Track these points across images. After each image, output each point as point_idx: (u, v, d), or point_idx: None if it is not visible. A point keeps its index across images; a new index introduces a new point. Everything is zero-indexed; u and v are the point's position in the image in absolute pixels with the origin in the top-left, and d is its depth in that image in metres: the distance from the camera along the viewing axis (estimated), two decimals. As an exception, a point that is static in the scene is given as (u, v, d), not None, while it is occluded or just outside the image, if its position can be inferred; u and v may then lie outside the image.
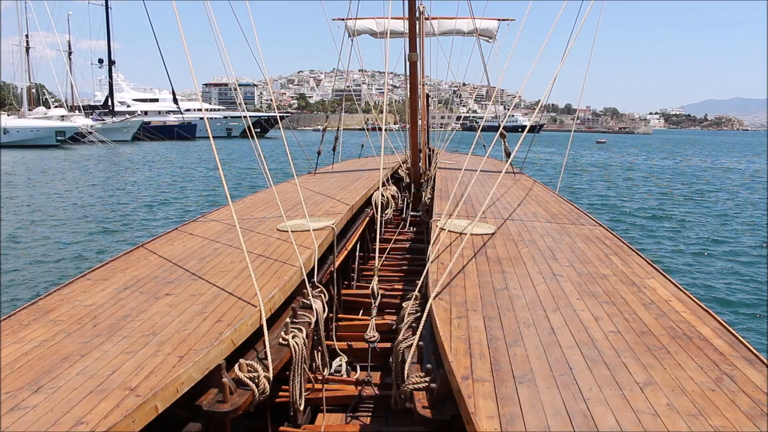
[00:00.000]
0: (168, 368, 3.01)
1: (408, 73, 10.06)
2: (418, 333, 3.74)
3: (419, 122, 11.82)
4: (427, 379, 3.25)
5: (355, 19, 13.34)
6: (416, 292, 4.50)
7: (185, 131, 77.12)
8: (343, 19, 14.04)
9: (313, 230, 5.81)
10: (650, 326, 3.48)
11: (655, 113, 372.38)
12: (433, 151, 15.44)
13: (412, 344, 3.75)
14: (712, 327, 3.49)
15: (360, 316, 6.72)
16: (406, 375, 3.52)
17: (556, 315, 3.66)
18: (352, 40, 13.90)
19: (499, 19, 15.39)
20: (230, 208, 5.16)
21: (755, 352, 3.11)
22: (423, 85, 13.20)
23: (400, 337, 3.99)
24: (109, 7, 74.66)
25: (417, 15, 11.50)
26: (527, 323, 3.51)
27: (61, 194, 24.54)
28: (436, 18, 15.45)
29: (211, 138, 4.86)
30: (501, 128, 7.08)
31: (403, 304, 4.53)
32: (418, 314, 4.13)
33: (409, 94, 10.46)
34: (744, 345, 3.21)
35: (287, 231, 5.72)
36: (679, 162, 54.32)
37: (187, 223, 6.97)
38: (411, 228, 10.87)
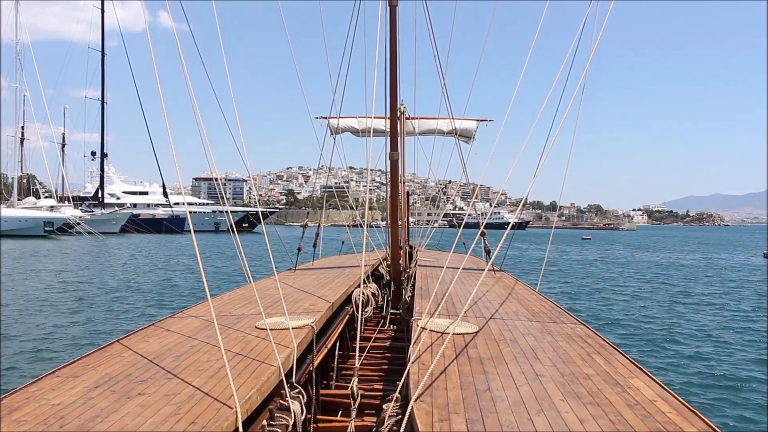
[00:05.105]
0: None
1: (389, 171, 10.21)
2: None
3: (400, 219, 11.91)
4: None
5: (338, 118, 13.65)
6: (397, 394, 4.38)
7: (174, 224, 77.52)
8: (325, 118, 14.31)
9: (293, 328, 5.73)
10: (636, 428, 3.39)
11: (639, 209, 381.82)
12: (413, 248, 15.47)
13: None
14: (699, 428, 3.39)
15: (339, 418, 6.49)
16: None
17: (540, 417, 3.56)
18: (334, 138, 14.14)
19: (478, 120, 15.86)
20: (209, 304, 5.08)
21: None
22: (404, 182, 13.37)
23: None
24: (105, 102, 76.86)
25: (398, 115, 11.80)
26: (511, 426, 3.41)
27: (35, 286, 24.13)
28: (417, 118, 15.82)
29: (193, 233, 4.87)
30: (482, 227, 7.18)
31: (384, 406, 4.39)
32: (399, 417, 4.00)
33: (390, 191, 10.61)
34: None
35: (266, 329, 5.63)
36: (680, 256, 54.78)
37: (164, 318, 6.85)
38: (391, 326, 10.72)
